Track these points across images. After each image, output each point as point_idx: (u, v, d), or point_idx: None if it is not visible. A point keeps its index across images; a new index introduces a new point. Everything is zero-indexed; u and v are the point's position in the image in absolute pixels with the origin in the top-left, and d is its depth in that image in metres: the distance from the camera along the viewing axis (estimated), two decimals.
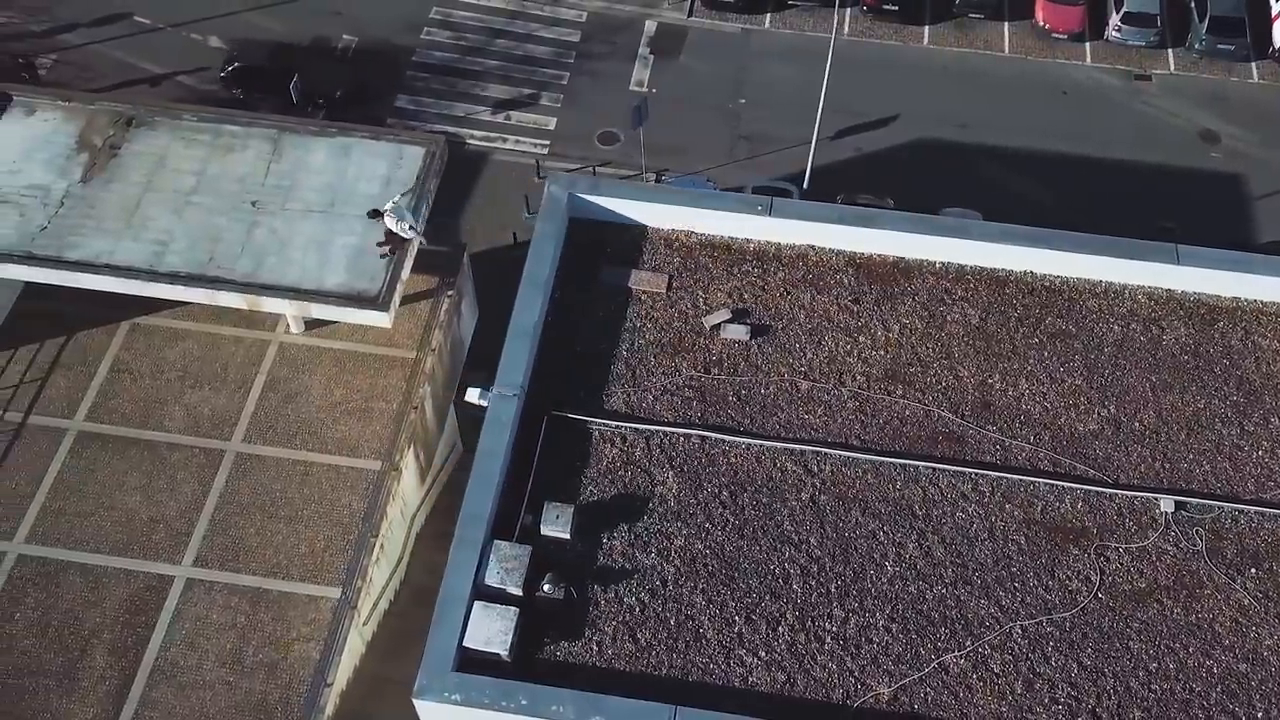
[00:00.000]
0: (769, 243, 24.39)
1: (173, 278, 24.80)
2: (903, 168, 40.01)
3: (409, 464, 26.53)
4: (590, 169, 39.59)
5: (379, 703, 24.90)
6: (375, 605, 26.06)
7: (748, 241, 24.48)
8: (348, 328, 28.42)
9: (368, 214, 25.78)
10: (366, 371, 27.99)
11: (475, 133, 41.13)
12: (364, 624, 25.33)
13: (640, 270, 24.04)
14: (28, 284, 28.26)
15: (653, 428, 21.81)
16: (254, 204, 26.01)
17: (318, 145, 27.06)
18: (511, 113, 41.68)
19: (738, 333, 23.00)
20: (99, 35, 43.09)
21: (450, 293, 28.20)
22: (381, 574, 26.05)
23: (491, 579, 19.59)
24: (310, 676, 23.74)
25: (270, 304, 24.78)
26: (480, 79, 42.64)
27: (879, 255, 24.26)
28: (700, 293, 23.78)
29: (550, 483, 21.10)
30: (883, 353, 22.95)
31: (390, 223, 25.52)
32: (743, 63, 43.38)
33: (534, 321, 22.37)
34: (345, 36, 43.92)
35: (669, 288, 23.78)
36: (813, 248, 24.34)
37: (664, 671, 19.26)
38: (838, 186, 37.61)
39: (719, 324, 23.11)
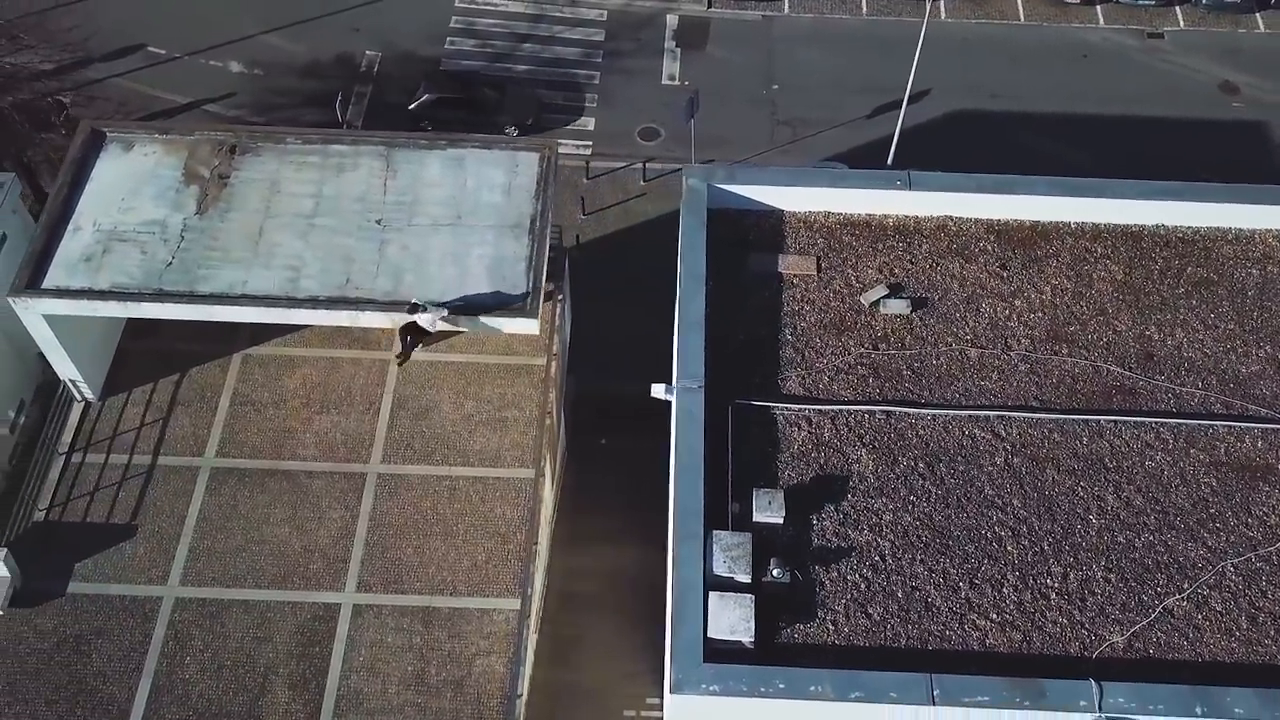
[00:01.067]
0: (908, 217, 24.73)
1: (313, 302, 24.44)
2: (943, 139, 40.59)
3: (545, 469, 26.48)
4: (640, 164, 39.67)
5: (560, 709, 24.84)
6: (536, 613, 25.97)
7: (886, 217, 24.79)
8: (465, 340, 28.27)
9: (407, 309, 24.61)
10: (493, 381, 27.85)
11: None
12: (534, 633, 25.23)
13: (787, 254, 24.23)
14: (130, 322, 27.76)
15: (835, 407, 22.03)
16: (379, 222, 25.75)
17: (430, 159, 26.84)
18: (547, 115, 41.52)
19: (898, 307, 23.29)
20: (117, 69, 42.25)
21: (560, 296, 28.16)
22: (539, 581, 25.97)
23: (720, 569, 19.68)
24: (500, 690, 23.60)
25: (419, 321, 24.52)
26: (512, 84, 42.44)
27: (1015, 220, 24.71)
28: (850, 271, 24.04)
29: (747, 470, 21.22)
30: (1040, 314, 23.39)
31: (425, 320, 24.57)
32: (769, 49, 43.71)
33: (701, 314, 22.45)
34: (369, 52, 43.52)
35: (819, 269, 23.99)
36: (950, 218, 24.72)
37: (902, 643, 19.49)
38: (894, 164, 38.04)
39: (878, 300, 23.37)
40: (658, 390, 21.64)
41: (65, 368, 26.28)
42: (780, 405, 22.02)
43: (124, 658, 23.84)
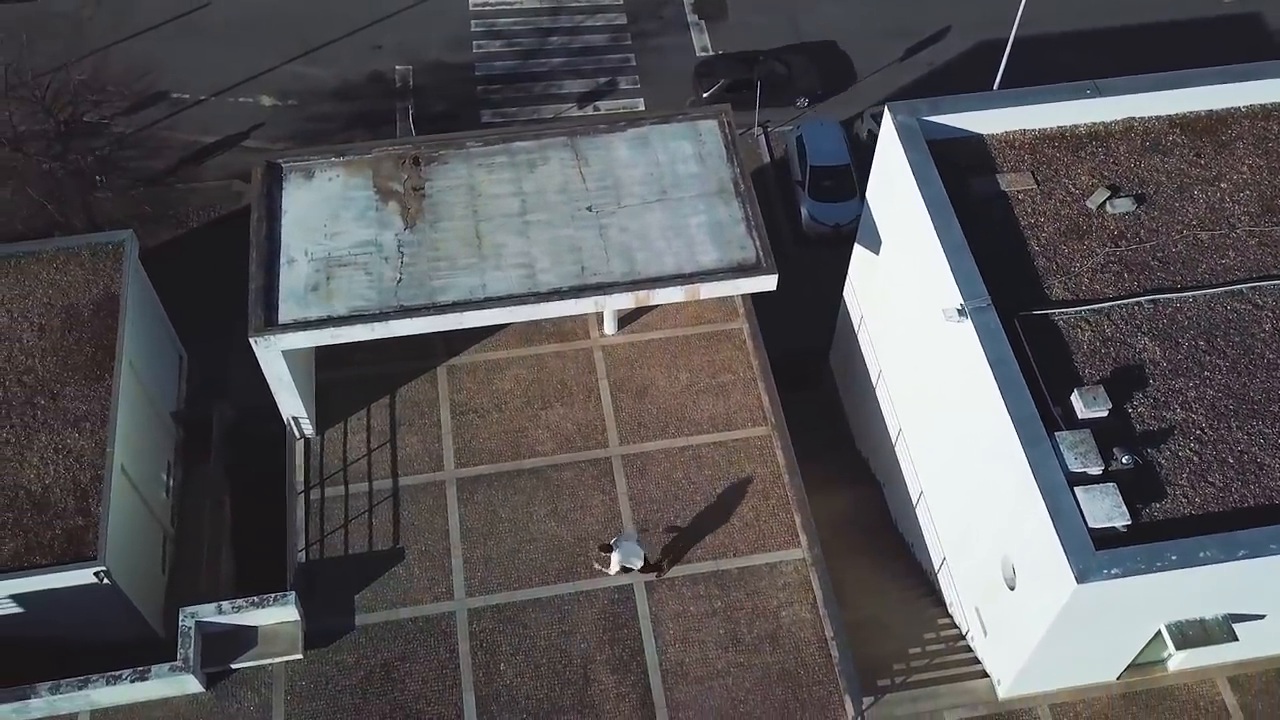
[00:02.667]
0: (1096, 123, 26.04)
1: (558, 294, 24.52)
2: (975, 69, 42.11)
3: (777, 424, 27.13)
4: None
5: (862, 645, 25.41)
6: None
7: (1076, 127, 26.04)
8: (657, 316, 28.69)
9: (600, 548, 24.33)
10: (697, 351, 28.30)
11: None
12: None
13: (1003, 173, 25.29)
14: (317, 354, 27.48)
15: (1106, 304, 23.17)
16: (590, 209, 25.91)
17: (616, 142, 27.06)
18: (599, 103, 41.83)
19: (1123, 205, 24.58)
20: (145, 120, 40.86)
21: None
22: None
23: (1074, 465, 20.64)
24: (814, 635, 24.18)
25: (661, 295, 24.82)
26: (552, 78, 42.62)
27: (1192, 112, 26.22)
28: (1065, 180, 25.22)
29: (1055, 373, 22.22)
30: (1248, 192, 24.95)
31: (616, 558, 23.99)
32: (790, 10, 44.68)
33: (961, 237, 23.35)
34: (398, 67, 43.06)
35: (1037, 182, 25.12)
36: (1134, 119, 26.11)
37: (1251, 502, 20.76)
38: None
39: (1103, 201, 24.61)
40: (950, 314, 22.38)
41: (292, 405, 25.82)
42: (1058, 311, 23.07)
43: (438, 676, 23.68)
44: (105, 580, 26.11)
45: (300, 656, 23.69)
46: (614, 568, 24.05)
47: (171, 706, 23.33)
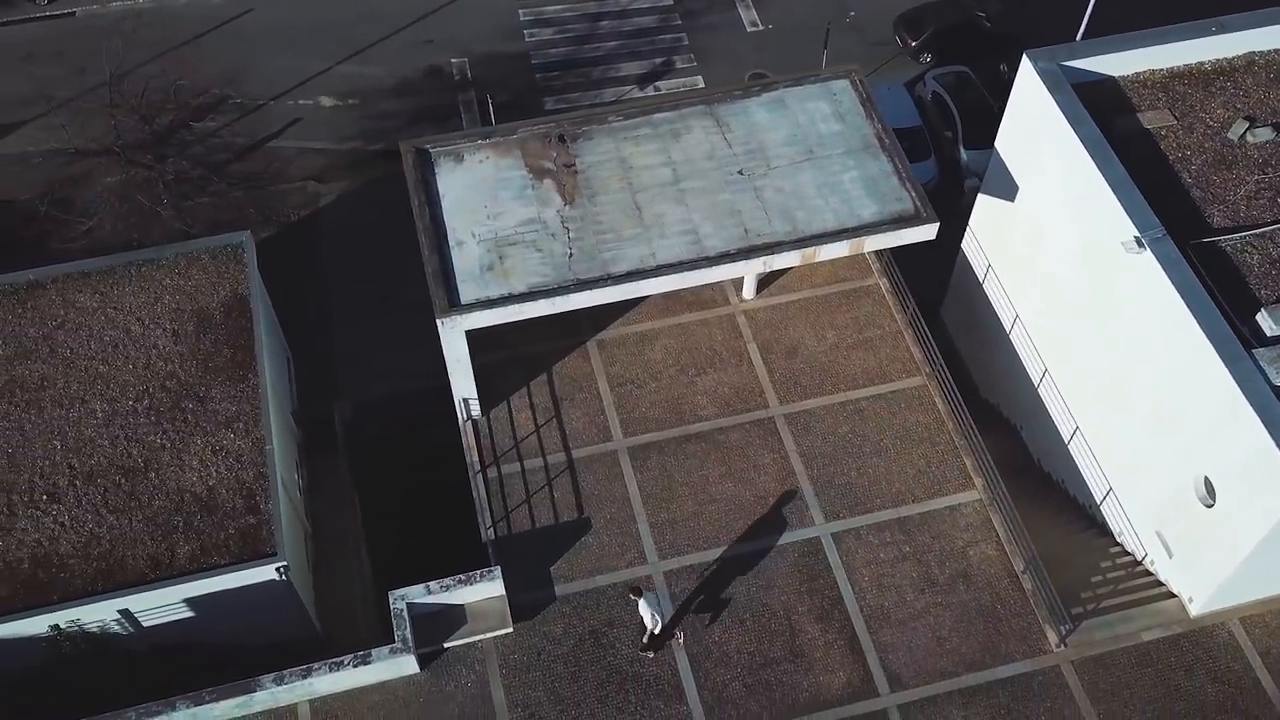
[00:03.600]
0: (1220, 59, 26.94)
1: (728, 257, 24.95)
2: (1034, 17, 42.85)
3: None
4: None
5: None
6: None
7: (1201, 64, 26.93)
8: (792, 279, 29.21)
9: (630, 591, 23.53)
10: (838, 309, 28.87)
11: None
12: None
13: (1142, 111, 26.11)
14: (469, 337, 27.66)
15: (1269, 229, 24.05)
16: (741, 173, 26.34)
17: (754, 107, 27.51)
18: (659, 83, 42.21)
19: (1264, 134, 25.50)
20: (210, 126, 40.53)
21: None
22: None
23: (1275, 379, 21.47)
24: (1005, 570, 24.85)
25: (827, 251, 25.33)
26: (609, 62, 42.91)
27: None
28: (1202, 114, 26.09)
29: (1234, 296, 23.03)
30: None
31: (646, 611, 22.98)
32: None
33: (1125, 173, 24.10)
34: (453, 60, 43.10)
35: (1176, 118, 25.97)
36: (1255, 53, 27.05)
37: None
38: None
39: (1243, 132, 25.51)
40: (1130, 246, 23.07)
41: (465, 387, 26.00)
42: (1225, 237, 23.90)
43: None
44: (284, 576, 26.15)
45: (510, 630, 23.89)
46: (644, 613, 23.01)
47: (389, 690, 23.44)
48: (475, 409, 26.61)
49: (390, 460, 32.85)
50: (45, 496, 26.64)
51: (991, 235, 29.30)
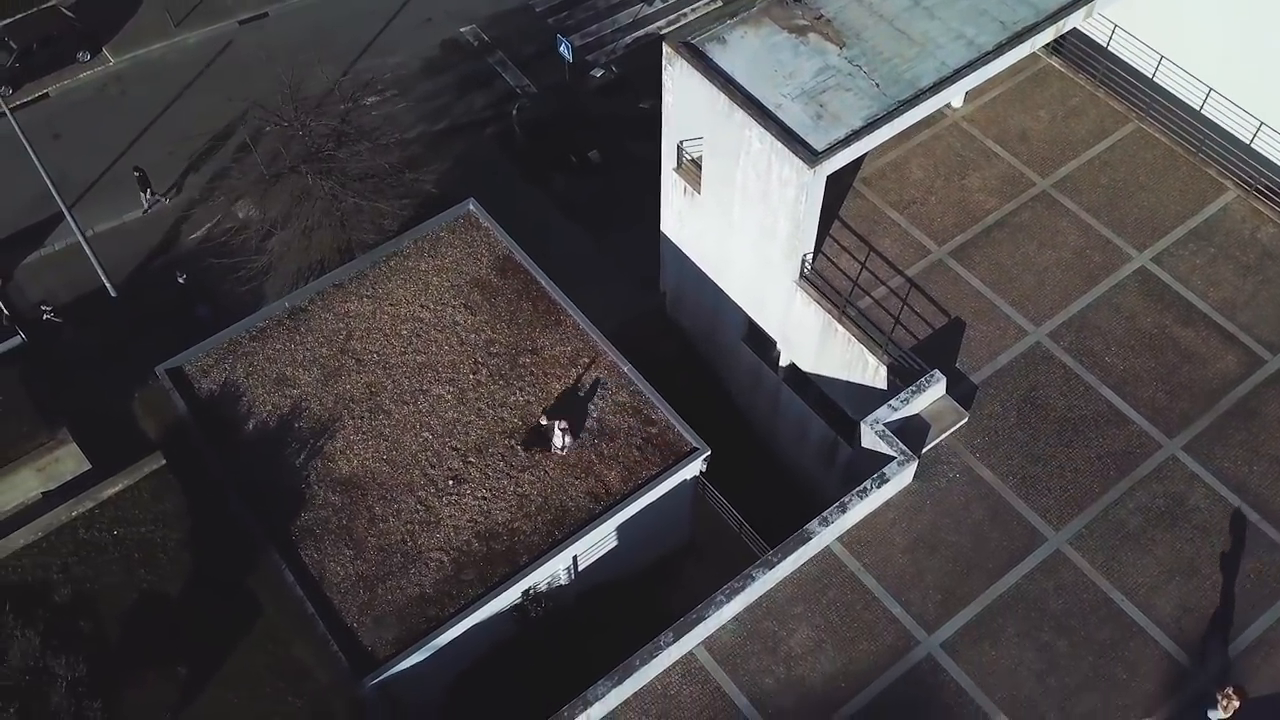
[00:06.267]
0: None
1: (1014, 38, 27.48)
2: None
3: None
4: None
5: None
6: None
7: None
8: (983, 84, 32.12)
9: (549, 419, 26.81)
10: (1034, 94, 32.04)
11: (658, 24, 43.22)
12: None
13: None
14: None
15: None
16: None
17: None
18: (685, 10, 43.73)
19: None
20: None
21: None
22: None
23: None
24: None
25: (1070, 21, 28.38)
26: None
27: None
28: None
29: None
30: None
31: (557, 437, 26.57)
32: None
33: None
34: (462, 30, 43.55)
35: None
36: None
37: None
38: None
39: None
40: None
41: (808, 241, 27.72)
42: None
43: (1072, 386, 26.69)
44: (705, 470, 27.42)
45: (966, 418, 26.01)
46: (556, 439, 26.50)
47: (895, 506, 25.12)
48: (808, 263, 28.26)
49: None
50: (450, 481, 26.68)
51: None
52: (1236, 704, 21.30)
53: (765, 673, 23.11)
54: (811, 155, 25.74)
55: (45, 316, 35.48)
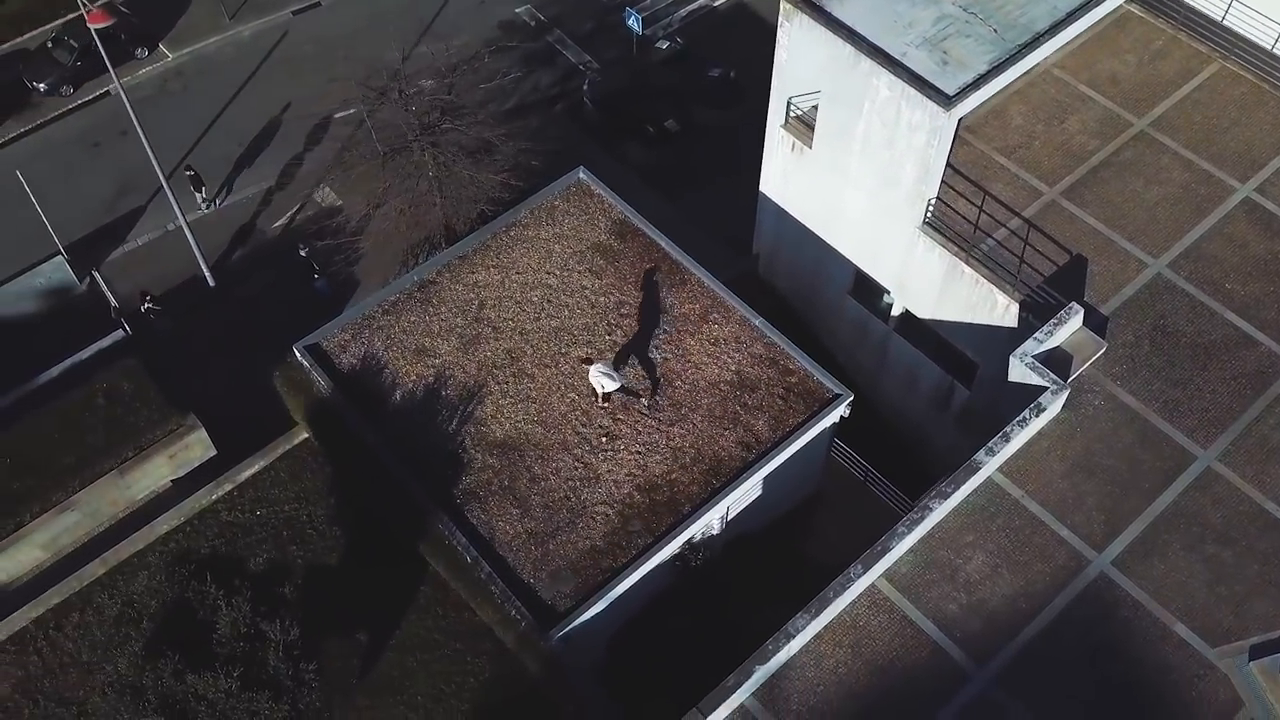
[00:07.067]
0: None
1: None
2: None
3: None
4: None
5: None
6: None
7: None
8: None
9: (583, 362, 27.60)
10: (1115, 40, 32.94)
11: None
12: None
13: None
14: None
15: None
16: None
17: None
18: None
19: None
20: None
21: None
22: None
23: None
24: None
25: None
26: None
27: None
28: None
29: None
30: None
31: (596, 378, 26.78)
32: None
33: None
34: (517, 10, 43.81)
35: None
36: None
37: None
38: None
39: None
40: None
41: (934, 184, 28.44)
42: None
43: (1199, 312, 27.60)
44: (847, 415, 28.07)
45: (1105, 346, 26.82)
46: (594, 381, 26.79)
47: (1048, 435, 25.79)
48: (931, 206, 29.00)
49: None
50: (604, 438, 27.17)
51: None
52: None
53: (948, 599, 23.78)
54: (945, 99, 26.43)
55: (146, 307, 35.49)
